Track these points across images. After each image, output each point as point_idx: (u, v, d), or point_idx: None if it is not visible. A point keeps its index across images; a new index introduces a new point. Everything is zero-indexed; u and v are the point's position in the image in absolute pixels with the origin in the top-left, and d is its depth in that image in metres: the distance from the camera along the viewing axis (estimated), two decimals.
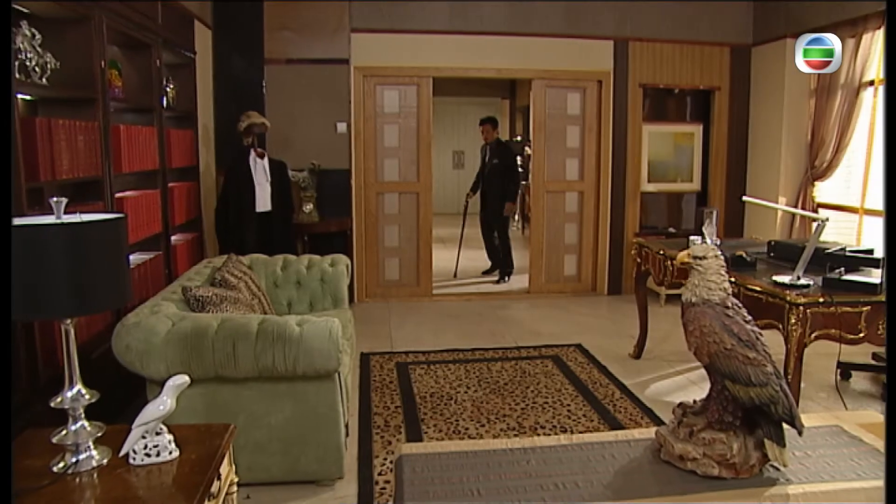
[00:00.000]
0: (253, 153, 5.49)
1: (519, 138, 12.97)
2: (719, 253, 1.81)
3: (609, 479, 1.75)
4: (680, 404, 1.90)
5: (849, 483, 1.77)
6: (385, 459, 3.47)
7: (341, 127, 6.63)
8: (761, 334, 1.77)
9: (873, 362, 4.87)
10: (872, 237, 5.80)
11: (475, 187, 8.27)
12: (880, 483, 1.77)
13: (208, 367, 2.79)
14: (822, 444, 1.96)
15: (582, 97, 7.07)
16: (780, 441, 1.73)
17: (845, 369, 4.75)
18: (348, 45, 6.53)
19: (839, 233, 5.79)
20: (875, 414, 2.38)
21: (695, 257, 1.79)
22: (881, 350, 4.81)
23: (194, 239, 5.23)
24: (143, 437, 1.93)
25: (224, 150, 6.04)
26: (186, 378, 1.99)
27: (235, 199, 5.41)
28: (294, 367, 2.83)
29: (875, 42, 5.73)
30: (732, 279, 3.59)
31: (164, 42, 4.49)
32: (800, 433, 1.73)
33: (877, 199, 5.85)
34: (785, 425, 1.75)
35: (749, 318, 1.78)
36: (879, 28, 5.68)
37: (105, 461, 1.92)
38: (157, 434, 1.96)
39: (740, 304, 1.81)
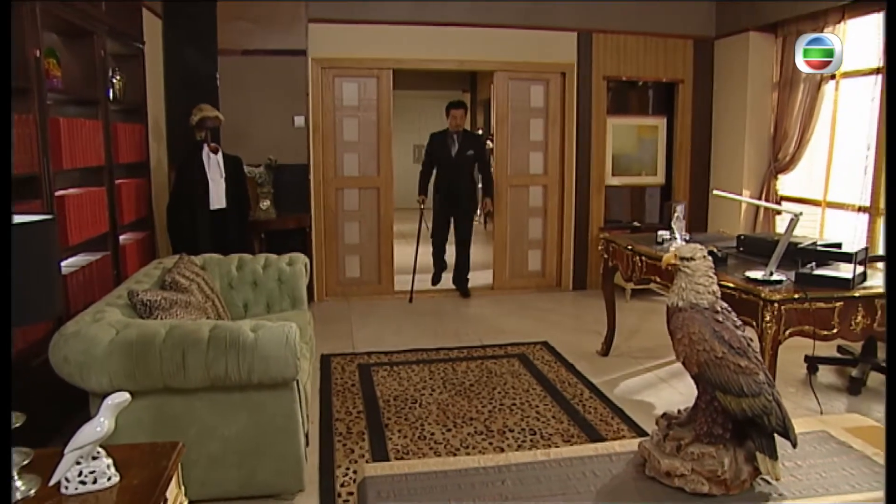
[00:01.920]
0: (206, 148, 5.25)
1: (480, 132, 12.83)
2: (707, 253, 1.69)
3: (591, 499, 1.62)
4: (664, 415, 1.78)
5: (844, 496, 1.68)
6: (348, 469, 3.31)
7: (299, 120, 6.42)
8: (752, 340, 1.65)
9: (838, 355, 4.86)
10: (835, 230, 5.80)
11: (426, 186, 6.95)
12: (875, 495, 1.67)
13: (156, 378, 2.59)
14: (811, 453, 1.86)
15: (545, 90, 6.96)
16: (773, 454, 1.62)
17: (812, 363, 4.72)
18: (305, 36, 6.32)
19: (802, 226, 5.74)
20: (860, 417, 2.30)
21: (682, 258, 1.67)
22: (846, 343, 4.79)
23: (145, 238, 4.99)
24: (78, 463, 1.74)
25: (177, 144, 5.78)
26: (126, 396, 1.80)
27: (188, 196, 5.17)
28: (249, 375, 2.65)
29: (836, 36, 5.70)
30: None
31: (108, 31, 4.23)
32: (794, 445, 1.63)
33: (839, 193, 5.86)
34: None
35: (739, 322, 1.67)
36: (840, 22, 5.67)
37: (32, 492, 1.73)
38: (94, 458, 1.77)
39: (729, 308, 1.69)
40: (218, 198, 5.28)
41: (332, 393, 4.31)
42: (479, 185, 7.27)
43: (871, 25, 5.55)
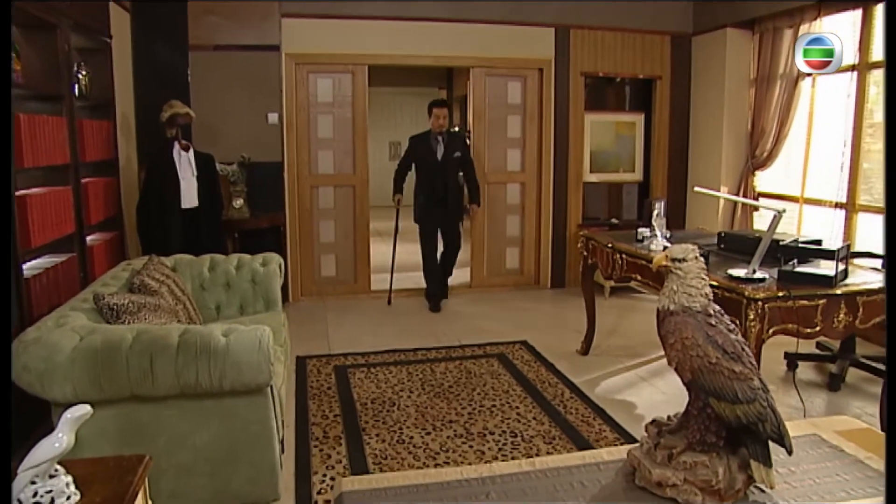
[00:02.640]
0: (177, 145, 5.12)
1: (457, 129, 12.76)
2: (700, 254, 1.62)
3: None
4: (653, 421, 1.71)
5: None
6: (325, 476, 3.22)
7: (272, 117, 6.29)
8: (746, 343, 1.59)
9: (817, 352, 4.86)
10: (812, 226, 5.81)
11: (401, 185, 6.50)
12: (872, 502, 1.62)
13: (122, 386, 2.48)
14: (803, 458, 1.80)
15: (522, 86, 6.89)
16: (767, 461, 1.57)
17: (792, 360, 4.71)
18: (279, 31, 6.19)
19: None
20: (850, 419, 2.26)
21: (673, 260, 1.60)
22: (825, 340, 4.79)
23: (114, 239, 4.84)
24: (33, 483, 1.62)
25: (147, 142, 5.63)
26: (88, 409, 1.69)
27: (158, 194, 5.03)
28: (220, 382, 2.55)
29: (813, 32, 5.72)
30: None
31: (73, 24, 4.08)
32: (789, 452, 1.57)
33: (816, 189, 5.86)
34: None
35: (732, 326, 1.60)
36: (816, 19, 5.68)
37: None
38: (52, 476, 1.66)
39: (722, 311, 1.63)
40: (189, 197, 5.14)
41: (308, 396, 4.21)
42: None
43: (846, 22, 5.55)
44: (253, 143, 6.15)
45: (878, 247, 4.51)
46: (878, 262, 4.37)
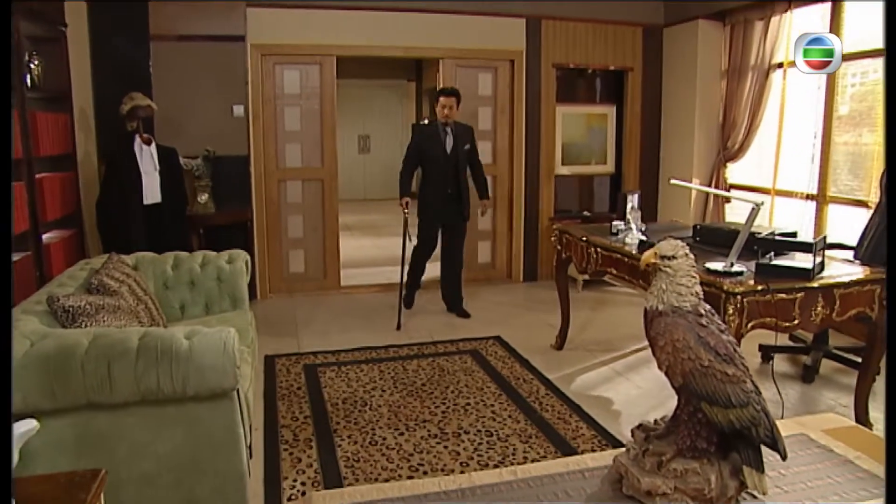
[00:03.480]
0: (138, 139, 4.95)
1: (427, 121, 12.64)
2: (689, 251, 1.54)
3: None
4: (640, 426, 1.63)
5: None
6: (295, 481, 3.11)
7: (238, 110, 6.12)
8: (738, 344, 1.52)
9: (791, 344, 4.85)
10: (784, 218, 5.82)
11: (408, 186, 5.71)
12: None
13: (78, 394, 2.34)
14: (793, 460, 1.74)
15: (493, 77, 6.80)
16: (760, 467, 1.50)
17: (766, 352, 4.69)
18: (244, 21, 6.02)
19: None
20: (836, 417, 2.21)
21: (662, 257, 1.52)
22: (798, 332, 4.79)
23: (73, 236, 4.67)
24: None
25: (107, 135, 5.44)
26: (33, 424, 1.57)
27: (119, 190, 4.87)
28: (184, 387, 2.42)
29: (783, 25, 5.73)
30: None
31: (24, 11, 3.90)
32: (783, 457, 1.50)
33: (787, 181, 5.87)
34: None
35: (724, 326, 1.53)
36: (786, 11, 5.68)
37: None
38: None
39: (713, 311, 1.55)
40: (152, 192, 4.99)
41: (277, 397, 4.08)
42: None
43: (816, 15, 5.55)
44: (218, 136, 5.98)
45: (849, 238, 4.51)
46: (849, 254, 4.37)
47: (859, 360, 4.29)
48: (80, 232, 4.81)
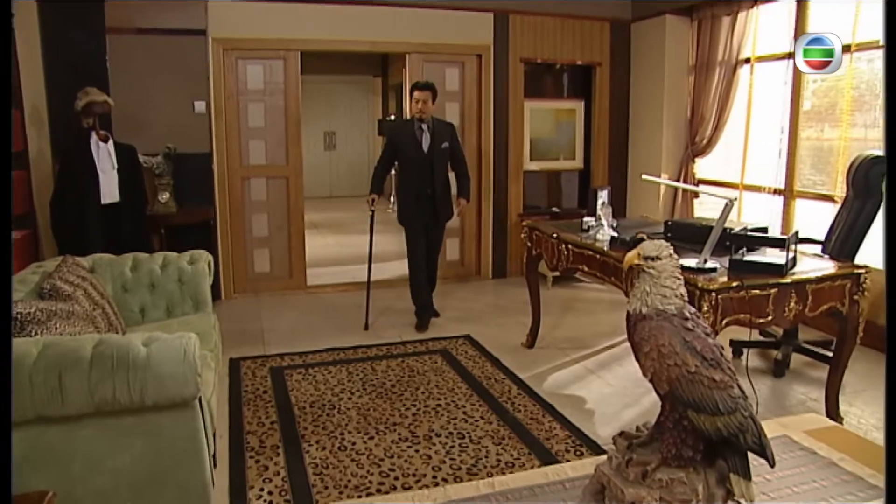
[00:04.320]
0: (94, 136, 4.78)
1: (393, 118, 12.53)
2: (673, 251, 1.48)
3: None
4: (622, 434, 1.57)
5: None
6: (262, 490, 3.00)
7: (199, 106, 5.95)
8: (723, 347, 1.46)
9: (761, 338, 4.86)
10: (752, 213, 5.83)
11: (380, 184, 5.56)
12: None
13: (26, 408, 2.20)
14: (777, 464, 1.66)
15: (461, 72, 6.72)
16: (747, 474, 1.44)
17: (737, 347, 4.69)
18: (205, 14, 5.85)
19: (719, 209, 5.76)
20: (817, 417, 2.17)
21: (646, 258, 1.45)
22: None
23: (25, 238, 4.49)
24: None
25: (61, 132, 5.23)
26: None
27: (75, 189, 4.69)
28: (141, 397, 2.30)
29: (750, 21, 5.74)
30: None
31: None
32: (772, 465, 1.44)
33: (755, 175, 5.89)
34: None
35: (709, 329, 1.46)
36: (753, 7, 5.69)
37: None
38: None
39: (698, 314, 1.49)
40: (110, 191, 4.82)
41: (243, 402, 3.96)
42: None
43: (782, 10, 5.57)
44: (179, 133, 5.81)
45: (816, 232, 4.53)
46: (817, 248, 4.39)
47: (829, 354, 4.32)
48: (34, 233, 4.63)
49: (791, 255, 3.35)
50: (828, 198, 5.26)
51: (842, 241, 4.27)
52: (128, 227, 4.88)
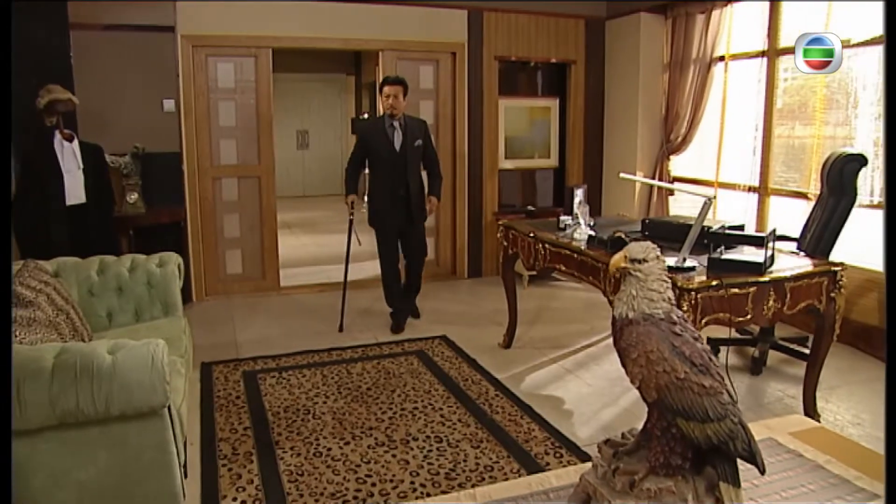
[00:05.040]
0: (58, 135, 4.64)
1: (366, 116, 12.43)
2: (660, 252, 1.42)
3: None
4: (607, 441, 1.51)
5: None
6: (235, 500, 2.91)
7: (168, 104, 5.82)
8: (711, 352, 1.41)
9: (738, 336, 4.86)
10: (727, 210, 5.84)
11: (355, 184, 5.33)
12: None
13: None
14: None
15: (435, 70, 6.65)
16: (737, 482, 1.39)
17: (714, 345, 4.68)
18: (174, 11, 5.71)
19: (695, 207, 5.76)
20: (800, 418, 2.15)
21: (633, 260, 1.40)
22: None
23: None
24: None
25: (23, 132, 5.06)
26: None
27: (38, 190, 4.55)
28: (107, 407, 2.21)
29: (724, 18, 5.75)
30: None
31: None
32: (762, 472, 1.40)
33: (730, 173, 5.90)
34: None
35: (697, 333, 1.42)
36: (727, 5, 5.70)
37: None
38: None
39: (686, 317, 1.44)
40: (75, 192, 4.68)
41: (215, 408, 3.86)
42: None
43: (755, 9, 5.58)
44: (148, 132, 5.68)
45: (791, 229, 4.54)
46: (792, 245, 4.40)
47: (805, 350, 4.33)
48: None
49: (769, 252, 3.34)
50: (801, 195, 5.28)
51: (817, 239, 4.28)
52: (94, 229, 4.75)
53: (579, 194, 4.39)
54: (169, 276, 3.86)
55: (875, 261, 4.64)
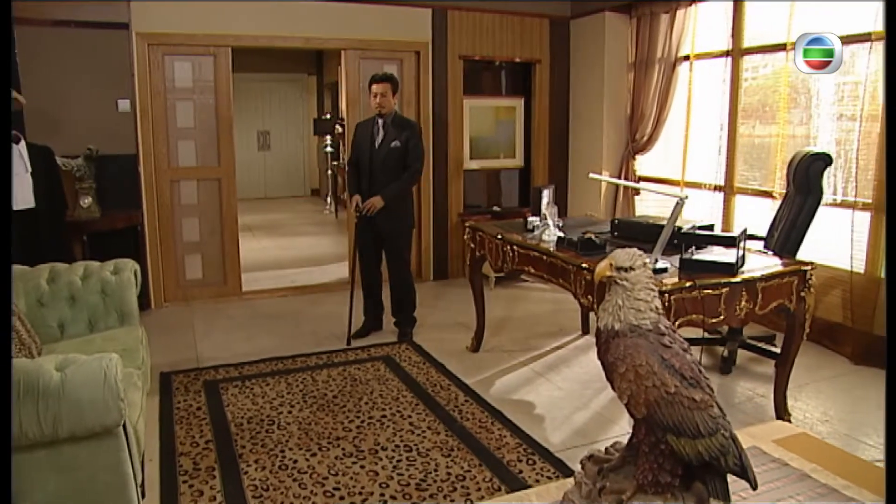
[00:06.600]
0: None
1: (328, 116, 12.26)
2: (648, 260, 1.35)
3: None
4: (591, 457, 1.43)
5: None
6: None
7: (123, 104, 5.62)
8: (699, 363, 1.34)
9: (707, 335, 4.84)
10: (693, 210, 5.83)
11: (356, 185, 5.08)
12: None
13: None
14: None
15: (399, 69, 6.53)
16: (727, 497, 1.33)
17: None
18: (128, 7, 5.52)
19: (662, 206, 5.75)
20: (782, 424, 2.09)
21: (619, 269, 1.32)
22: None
23: None
24: None
25: None
26: None
27: None
28: (55, 428, 2.07)
29: (689, 18, 5.75)
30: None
31: None
32: (754, 487, 1.33)
33: (695, 172, 5.90)
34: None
35: (686, 344, 1.34)
36: (691, 5, 5.70)
37: None
38: None
39: (674, 328, 1.37)
40: (23, 196, 4.48)
41: (175, 421, 3.71)
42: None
43: (719, 9, 5.60)
44: (101, 133, 5.47)
45: (756, 228, 4.53)
46: (760, 244, 4.39)
47: (773, 349, 4.34)
48: None
49: (741, 253, 3.31)
50: (766, 193, 5.30)
51: (784, 237, 4.28)
52: (45, 235, 4.55)
53: (547, 195, 4.34)
54: (124, 284, 3.69)
55: (838, 259, 4.68)
